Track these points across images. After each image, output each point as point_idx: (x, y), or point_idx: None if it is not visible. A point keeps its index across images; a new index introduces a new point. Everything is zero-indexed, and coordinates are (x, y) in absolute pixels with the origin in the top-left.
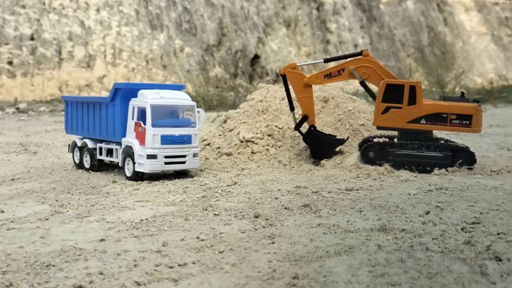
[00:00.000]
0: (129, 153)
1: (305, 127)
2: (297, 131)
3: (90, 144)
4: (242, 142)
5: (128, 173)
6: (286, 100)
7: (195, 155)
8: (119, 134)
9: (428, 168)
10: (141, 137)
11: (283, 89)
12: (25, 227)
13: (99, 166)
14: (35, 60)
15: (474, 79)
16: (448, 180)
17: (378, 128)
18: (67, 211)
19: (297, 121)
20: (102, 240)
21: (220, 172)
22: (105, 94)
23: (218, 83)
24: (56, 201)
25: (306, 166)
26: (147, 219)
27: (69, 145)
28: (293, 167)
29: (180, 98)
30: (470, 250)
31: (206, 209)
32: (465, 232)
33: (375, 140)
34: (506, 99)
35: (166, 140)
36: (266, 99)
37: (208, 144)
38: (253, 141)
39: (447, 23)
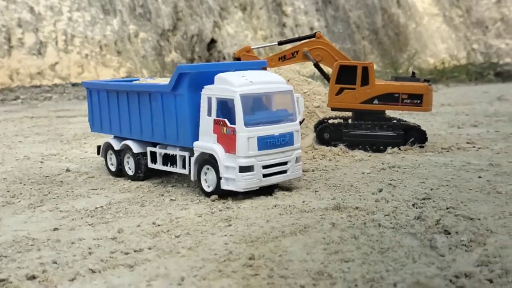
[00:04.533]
0: (207, 163)
1: None
2: None
3: (135, 148)
4: None
5: (209, 189)
6: None
7: (297, 160)
8: (189, 137)
9: (381, 147)
10: (226, 141)
11: None
12: None
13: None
14: None
15: (427, 59)
16: (401, 158)
17: (333, 109)
18: (19, 202)
19: None
20: (55, 229)
21: None
22: (58, 82)
23: (175, 68)
24: (8, 191)
25: None
26: (102, 206)
27: (98, 147)
28: None
29: (273, 82)
30: (420, 225)
31: (162, 195)
32: (416, 208)
33: (330, 121)
34: (457, 78)
35: (264, 143)
36: None
37: None
38: None
39: (400, 5)
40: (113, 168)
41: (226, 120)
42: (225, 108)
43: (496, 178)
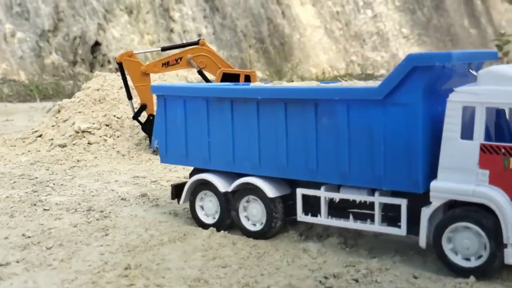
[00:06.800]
0: (462, 219)
1: (144, 116)
2: (136, 121)
3: (270, 191)
4: (78, 132)
5: (476, 263)
6: (124, 88)
7: None
8: (419, 175)
9: None
10: None
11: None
12: None
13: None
14: None
15: (309, 69)
16: None
17: None
18: None
19: (136, 110)
20: None
21: (52, 164)
22: None
23: (56, 71)
24: None
25: (146, 155)
26: None
27: (176, 186)
28: (132, 157)
29: None
30: (295, 231)
31: (35, 205)
32: None
33: None
34: None
35: None
36: (103, 87)
37: (40, 136)
38: (89, 132)
39: (285, 16)
40: (209, 220)
41: None
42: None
43: None
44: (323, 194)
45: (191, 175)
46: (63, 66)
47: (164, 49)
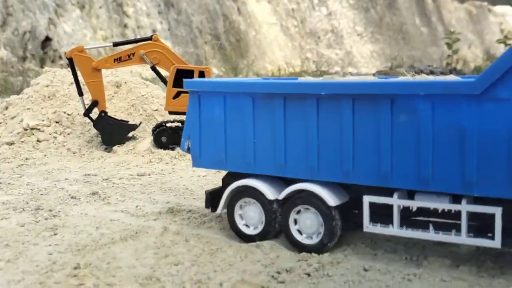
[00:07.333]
0: None
1: (96, 113)
2: (87, 117)
3: (331, 198)
4: (26, 130)
5: None
6: (74, 85)
7: None
8: None
9: None
10: None
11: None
12: None
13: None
14: None
15: (265, 66)
16: None
17: (170, 113)
18: None
19: (87, 107)
20: None
21: None
22: None
23: (4, 67)
24: None
25: (98, 153)
26: None
27: (211, 194)
28: (84, 154)
29: None
30: None
31: None
32: None
33: (168, 124)
34: None
35: None
36: (53, 83)
37: None
38: (38, 129)
39: (241, 12)
40: (252, 230)
41: None
42: None
43: None
44: (396, 202)
45: (225, 181)
46: (12, 62)
47: (116, 44)
